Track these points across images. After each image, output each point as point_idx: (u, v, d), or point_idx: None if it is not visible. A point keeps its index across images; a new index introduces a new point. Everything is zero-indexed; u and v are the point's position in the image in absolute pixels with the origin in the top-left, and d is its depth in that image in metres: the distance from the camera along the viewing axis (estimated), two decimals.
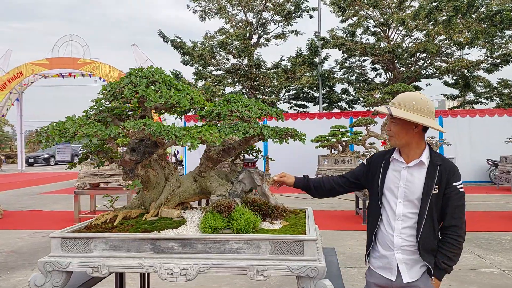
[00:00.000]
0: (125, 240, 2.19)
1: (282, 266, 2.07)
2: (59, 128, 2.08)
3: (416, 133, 2.10)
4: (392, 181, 2.16)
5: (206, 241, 2.16)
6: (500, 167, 12.72)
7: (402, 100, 2.10)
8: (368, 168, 2.32)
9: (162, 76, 2.30)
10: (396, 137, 2.12)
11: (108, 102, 2.25)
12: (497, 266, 5.07)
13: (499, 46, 17.11)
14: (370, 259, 2.29)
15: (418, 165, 2.10)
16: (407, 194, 2.10)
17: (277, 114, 2.70)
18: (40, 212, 9.97)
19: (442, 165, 2.07)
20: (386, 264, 2.17)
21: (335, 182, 2.41)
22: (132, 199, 2.66)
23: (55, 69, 22.78)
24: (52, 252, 2.24)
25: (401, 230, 2.11)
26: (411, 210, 2.10)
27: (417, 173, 2.10)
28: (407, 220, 2.10)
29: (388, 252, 2.15)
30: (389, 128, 2.15)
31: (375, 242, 2.24)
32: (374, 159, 2.31)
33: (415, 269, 2.10)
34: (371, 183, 2.27)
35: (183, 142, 2.07)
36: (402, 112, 2.05)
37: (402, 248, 2.11)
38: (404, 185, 2.11)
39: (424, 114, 2.05)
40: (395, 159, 2.18)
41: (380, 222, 2.21)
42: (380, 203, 2.20)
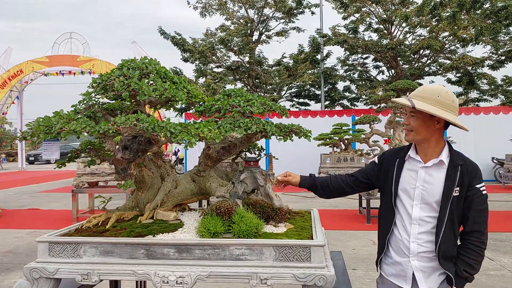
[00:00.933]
0: (117, 245, 2.03)
1: (287, 274, 1.91)
2: (44, 124, 1.91)
3: (437, 129, 1.93)
4: (408, 182, 1.98)
5: (204, 247, 1.99)
6: (506, 165, 12.53)
7: (424, 92, 1.92)
8: (380, 167, 2.13)
9: (157, 68, 2.12)
10: (416, 132, 1.94)
11: (98, 96, 2.07)
12: (508, 268, 4.90)
13: (504, 43, 16.88)
14: (382, 266, 2.12)
15: (438, 165, 1.92)
16: (425, 197, 1.92)
17: (281, 109, 2.53)
18: (38, 211, 9.83)
19: (463, 165, 1.89)
20: (400, 271, 2.00)
21: (344, 181, 2.22)
22: (126, 201, 2.50)
23: (55, 67, 22.70)
24: (39, 257, 2.08)
25: (418, 235, 1.94)
26: (429, 214, 1.92)
27: (436, 173, 1.92)
28: (424, 224, 1.93)
29: (403, 258, 1.98)
30: (407, 122, 1.97)
31: (388, 247, 2.06)
32: (386, 157, 2.12)
33: (433, 277, 1.93)
34: (383, 183, 2.09)
35: (179, 139, 1.90)
36: (426, 105, 1.87)
37: (419, 254, 1.94)
38: (422, 187, 1.93)
39: (448, 108, 1.88)
40: (411, 157, 2.00)
41: (393, 226, 2.03)
42: (394, 205, 2.02)
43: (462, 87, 18.81)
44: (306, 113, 15.87)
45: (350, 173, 2.26)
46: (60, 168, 2.27)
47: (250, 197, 2.48)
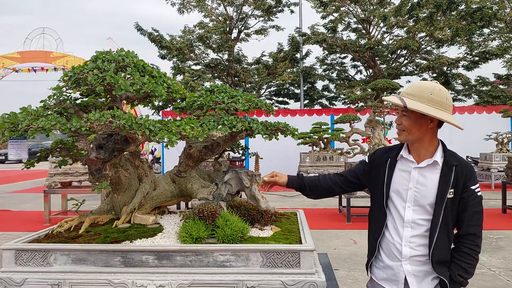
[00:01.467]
0: (90, 252, 1.87)
1: (275, 281, 1.80)
2: (10, 121, 1.73)
3: (430, 128, 1.83)
4: (400, 183, 1.89)
5: (186, 253, 1.86)
6: (480, 164, 12.79)
7: (416, 90, 1.82)
8: (370, 166, 2.04)
9: (134, 60, 1.97)
10: (408, 132, 1.84)
11: (70, 91, 1.90)
12: (488, 266, 4.93)
13: (478, 44, 17.26)
14: (372, 269, 2.02)
15: (431, 165, 1.84)
16: (418, 198, 1.83)
17: (267, 106, 2.41)
18: (9, 212, 9.42)
19: (458, 165, 1.82)
20: (391, 275, 1.91)
21: (333, 181, 2.12)
22: (101, 203, 2.33)
23: (27, 63, 21.92)
24: (4, 266, 1.90)
25: (410, 238, 1.85)
26: (422, 217, 1.84)
27: (429, 174, 1.84)
28: (417, 227, 1.85)
29: (395, 262, 1.89)
30: (399, 121, 1.87)
31: (379, 250, 1.97)
32: (377, 156, 2.02)
33: (426, 282, 1.85)
34: (374, 183, 2.00)
35: (159, 137, 1.76)
36: (418, 104, 1.77)
37: (412, 258, 1.85)
38: (415, 188, 1.84)
39: (442, 107, 1.79)
40: (403, 157, 1.91)
41: (385, 229, 1.94)
42: (385, 207, 1.93)
43: None
44: (286, 112, 15.83)
45: (339, 173, 2.16)
46: (29, 168, 2.09)
47: (235, 199, 2.36)
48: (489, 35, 17.29)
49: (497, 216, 7.94)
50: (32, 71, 23.65)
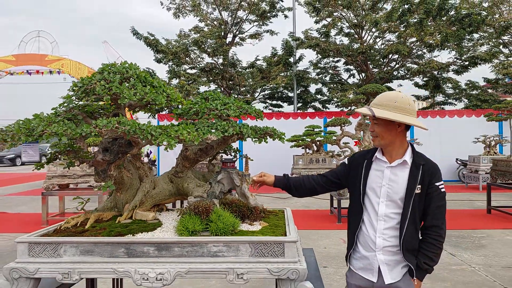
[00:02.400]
0: (97, 244, 2.09)
1: (262, 268, 2.02)
2: (25, 127, 1.95)
3: (399, 132, 2.08)
4: (375, 181, 2.13)
5: (183, 245, 2.08)
6: (469, 166, 13.09)
7: (383, 100, 2.08)
8: (349, 168, 2.28)
9: (137, 72, 2.20)
10: (380, 137, 2.09)
11: (78, 99, 2.12)
12: (468, 263, 5.19)
13: (468, 49, 17.64)
14: (351, 260, 2.25)
15: (401, 164, 2.08)
16: (390, 194, 2.07)
17: (257, 113, 2.64)
18: (6, 215, 9.55)
19: (425, 165, 2.06)
20: (367, 265, 2.14)
21: (316, 181, 2.36)
22: (105, 201, 2.55)
23: (22, 66, 21.98)
24: (19, 258, 2.11)
25: (383, 230, 2.09)
26: (393, 210, 2.08)
27: (400, 172, 2.08)
28: (389, 220, 2.08)
29: (370, 253, 2.13)
30: (372, 129, 2.12)
31: (357, 243, 2.21)
32: (355, 159, 2.27)
33: (396, 270, 2.08)
34: (352, 182, 2.24)
35: (160, 141, 1.98)
36: (385, 112, 2.03)
37: (384, 249, 2.09)
38: (387, 185, 2.09)
39: (406, 112, 2.04)
40: (378, 158, 2.16)
41: (361, 223, 2.18)
42: (362, 203, 2.16)
43: (428, 91, 19.50)
44: (279, 115, 16.08)
45: (322, 174, 2.40)
46: (39, 169, 2.30)
47: (227, 197, 2.59)
48: (478, 40, 17.67)
49: (482, 217, 8.22)
50: (27, 74, 23.72)
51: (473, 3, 17.97)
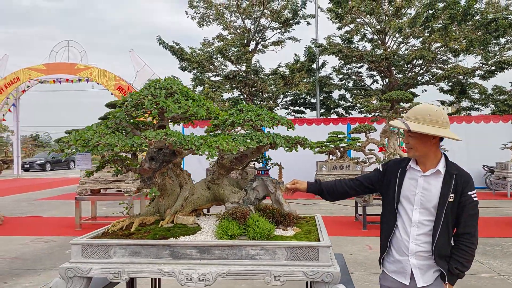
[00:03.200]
0: (144, 246, 2.26)
1: (298, 271, 2.15)
2: (81, 138, 2.14)
3: (433, 144, 2.17)
4: (409, 189, 2.22)
5: (223, 248, 2.23)
6: (496, 173, 12.86)
7: (417, 113, 2.17)
8: (383, 175, 2.38)
9: (180, 87, 2.37)
10: (415, 149, 2.19)
11: (128, 113, 2.31)
12: (497, 271, 5.16)
13: (494, 54, 17.34)
14: (384, 263, 2.37)
15: (435, 174, 2.17)
16: (424, 202, 2.17)
17: (288, 123, 2.78)
18: (40, 218, 9.96)
19: (458, 174, 2.14)
20: (400, 268, 2.24)
21: (348, 185, 2.48)
22: (147, 206, 2.73)
23: (52, 75, 22.76)
24: (73, 258, 2.30)
25: (417, 236, 2.18)
26: (427, 218, 2.17)
27: (433, 181, 2.17)
28: (422, 227, 2.18)
29: (403, 257, 2.23)
30: (407, 141, 2.23)
31: (390, 247, 2.31)
32: (390, 166, 2.37)
33: (428, 274, 2.18)
34: (386, 189, 2.34)
35: (202, 151, 2.14)
36: (420, 125, 2.12)
37: (417, 253, 2.18)
38: (421, 193, 2.18)
39: (439, 125, 2.13)
40: (411, 167, 2.25)
41: (395, 228, 2.28)
42: (396, 210, 2.27)
43: (454, 96, 19.24)
44: (302, 121, 16.17)
45: (355, 178, 2.51)
46: (89, 176, 2.50)
47: (260, 204, 2.73)
48: (504, 45, 17.35)
49: (511, 225, 8.09)
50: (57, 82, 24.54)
51: (499, 7, 17.67)
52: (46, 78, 23.90)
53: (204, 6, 19.57)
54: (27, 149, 42.30)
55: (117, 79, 19.55)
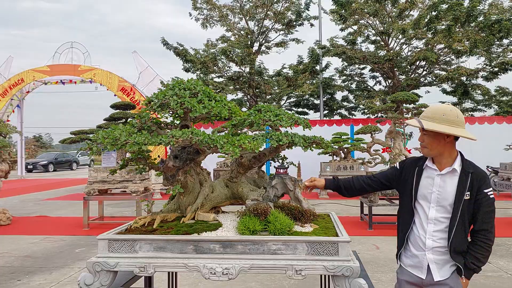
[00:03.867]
0: (169, 241, 2.33)
1: (318, 266, 2.22)
2: (109, 137, 2.22)
3: (448, 142, 2.23)
4: (426, 187, 2.29)
5: (246, 243, 2.30)
6: (500, 174, 12.88)
7: (432, 112, 2.23)
8: (400, 172, 2.45)
9: (203, 88, 2.45)
10: (429, 148, 2.25)
11: (152, 112, 2.39)
12: (505, 270, 5.22)
13: (497, 55, 17.40)
14: (401, 258, 2.44)
15: (451, 172, 2.23)
16: (440, 200, 2.23)
17: (305, 123, 2.86)
18: (48, 218, 10.05)
19: (473, 172, 2.20)
20: (417, 263, 2.32)
21: (365, 182, 2.57)
22: (169, 204, 2.80)
23: (56, 76, 22.87)
24: (100, 253, 2.37)
25: (433, 233, 2.25)
26: (443, 215, 2.24)
27: (449, 180, 2.23)
28: (439, 224, 2.24)
29: (420, 252, 2.30)
30: (421, 139, 2.29)
31: (407, 242, 2.39)
32: (407, 165, 2.44)
33: (445, 268, 2.25)
34: (403, 187, 2.42)
35: (226, 150, 2.22)
36: (434, 124, 2.19)
37: (434, 249, 2.25)
38: (437, 191, 2.24)
39: (454, 124, 2.19)
40: (428, 166, 2.32)
41: (413, 225, 2.36)
42: (413, 207, 2.34)
43: (457, 97, 19.30)
44: None
45: (373, 175, 2.60)
46: (113, 174, 2.57)
47: (278, 201, 2.80)
48: (508, 46, 17.41)
49: None
50: (60, 83, 24.63)
51: (502, 9, 17.74)
52: (50, 79, 23.98)
53: (208, 7, 19.69)
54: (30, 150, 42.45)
55: (120, 80, 19.64)
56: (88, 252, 6.51)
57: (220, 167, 12.67)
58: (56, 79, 23.87)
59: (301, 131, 3.52)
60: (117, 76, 20.06)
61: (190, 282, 5.02)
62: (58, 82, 24.37)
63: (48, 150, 49.40)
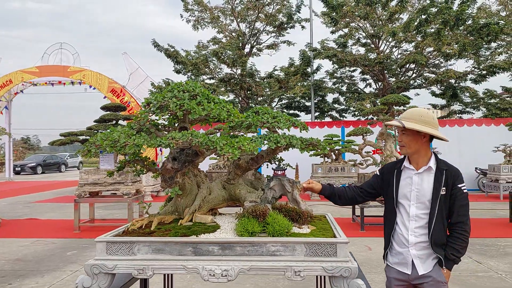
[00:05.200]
0: (167, 243, 2.33)
1: (317, 267, 2.23)
2: (108, 139, 2.21)
3: (424, 142, 2.42)
4: (405, 187, 2.45)
5: (244, 244, 2.31)
6: (489, 175, 13.09)
7: (411, 114, 2.42)
8: (381, 178, 2.62)
9: (202, 90, 2.46)
10: (407, 146, 2.43)
11: (151, 114, 2.39)
12: (495, 270, 5.30)
13: (486, 58, 17.65)
14: (387, 257, 2.57)
15: (427, 170, 2.40)
16: (419, 196, 2.40)
17: (302, 125, 2.88)
18: (38, 221, 9.93)
19: (447, 169, 2.38)
20: (402, 260, 2.45)
21: (356, 192, 2.71)
22: (166, 206, 2.80)
23: (45, 77, 22.60)
24: (98, 255, 2.36)
25: (415, 229, 2.41)
26: (423, 211, 2.39)
27: (426, 177, 2.40)
28: (419, 220, 2.40)
29: (403, 249, 2.44)
30: (400, 139, 2.46)
31: (392, 242, 2.52)
32: (386, 169, 2.61)
33: (428, 262, 2.39)
34: (386, 190, 2.57)
35: (225, 151, 2.23)
36: (413, 124, 2.36)
37: (416, 244, 2.40)
38: (416, 189, 2.41)
39: (430, 125, 2.38)
40: (406, 167, 2.49)
41: (395, 224, 2.50)
42: (396, 207, 2.49)
43: (445, 100, 19.51)
44: None
45: (359, 186, 2.73)
46: (110, 176, 2.56)
47: (275, 203, 2.81)
48: (496, 49, 17.68)
49: (505, 225, 8.29)
50: (49, 84, 24.34)
51: (490, 13, 18.02)
52: (39, 81, 23.69)
53: (199, 9, 19.67)
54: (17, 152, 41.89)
55: (110, 81, 19.49)
56: (79, 255, 6.45)
57: (213, 168, 12.66)
58: (45, 80, 23.60)
59: (297, 132, 3.54)
60: (107, 77, 19.90)
61: (184, 284, 5.00)
62: (47, 83, 24.10)
63: (36, 152, 48.80)
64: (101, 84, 19.95)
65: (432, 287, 2.34)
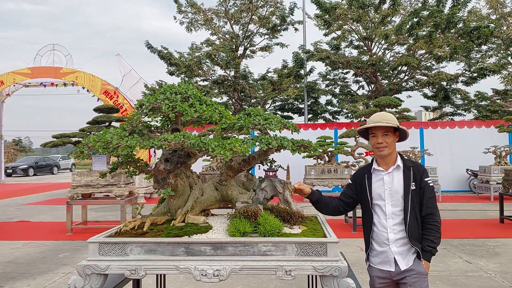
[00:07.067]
0: (160, 244, 2.35)
1: (308, 266, 2.27)
2: (101, 140, 2.23)
3: (395, 142, 2.62)
4: (378, 188, 2.58)
5: (236, 244, 2.33)
6: (480, 176, 13.22)
7: (381, 118, 2.58)
8: (354, 185, 2.74)
9: (194, 92, 2.48)
10: (389, 147, 2.56)
11: (143, 116, 2.41)
12: (484, 270, 5.37)
13: (476, 61, 17.85)
14: (370, 259, 2.66)
15: (396, 169, 2.58)
16: (392, 194, 2.53)
17: (294, 127, 2.91)
18: (29, 223, 9.87)
19: (414, 166, 2.57)
20: (384, 258, 2.55)
21: (339, 204, 2.81)
22: (159, 207, 2.82)
23: (37, 78, 22.43)
24: (90, 256, 2.37)
25: (393, 226, 2.52)
26: (398, 208, 2.52)
27: (396, 175, 2.57)
28: (395, 217, 2.53)
29: (384, 247, 2.54)
30: (382, 140, 2.56)
31: (372, 243, 2.62)
32: (357, 176, 2.74)
33: (408, 257, 2.51)
34: (361, 195, 2.69)
35: (217, 153, 2.25)
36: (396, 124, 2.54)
37: (396, 241, 2.51)
38: (388, 188, 2.55)
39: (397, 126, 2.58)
40: (375, 169, 2.62)
41: (373, 225, 2.60)
42: (371, 209, 2.60)
43: (437, 102, 19.69)
44: None
45: (339, 198, 2.84)
46: (103, 178, 2.58)
47: (267, 203, 2.84)
48: (486, 52, 17.88)
49: (495, 226, 8.38)
50: (41, 86, 24.17)
51: (481, 16, 18.23)
52: (31, 82, 23.53)
53: (193, 11, 19.67)
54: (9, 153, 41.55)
55: (104, 83, 19.40)
56: (72, 257, 6.43)
57: (206, 170, 12.67)
58: (37, 82, 23.44)
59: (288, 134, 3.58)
60: (100, 79, 19.81)
61: (177, 286, 5.01)
62: (39, 84, 23.93)
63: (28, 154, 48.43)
64: (94, 85, 19.85)
65: (415, 279, 2.44)
